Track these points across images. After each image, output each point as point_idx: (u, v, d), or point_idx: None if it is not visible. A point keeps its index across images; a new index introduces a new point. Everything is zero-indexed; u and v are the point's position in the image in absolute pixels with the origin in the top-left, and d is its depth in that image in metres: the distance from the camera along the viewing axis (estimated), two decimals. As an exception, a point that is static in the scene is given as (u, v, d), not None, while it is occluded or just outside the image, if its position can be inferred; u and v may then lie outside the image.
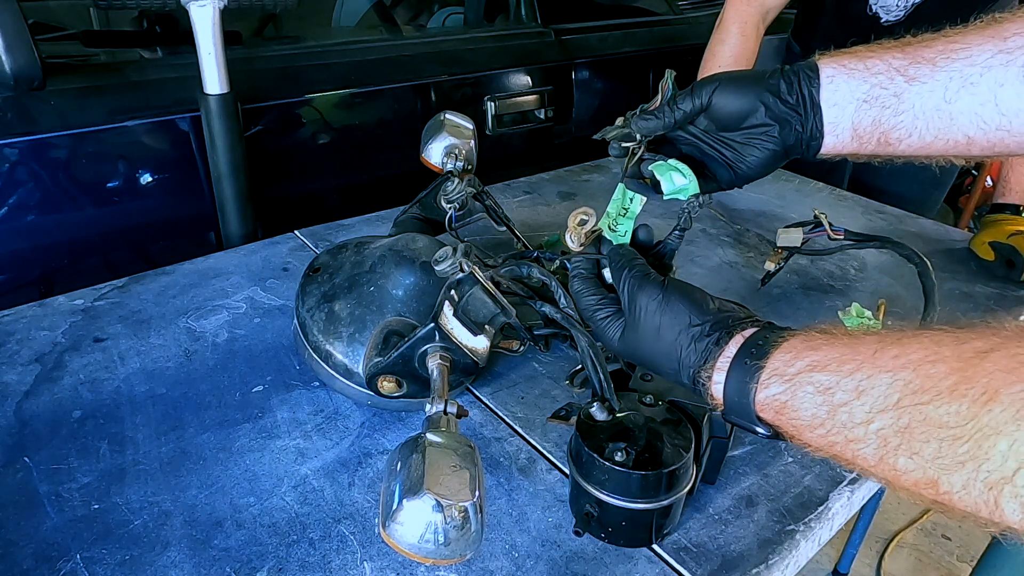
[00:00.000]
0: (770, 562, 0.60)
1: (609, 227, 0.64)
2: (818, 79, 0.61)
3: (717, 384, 0.50)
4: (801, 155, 0.65)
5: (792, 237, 0.97)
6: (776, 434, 0.48)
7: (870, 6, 1.39)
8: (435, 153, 0.90)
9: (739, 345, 0.50)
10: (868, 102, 0.60)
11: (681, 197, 0.64)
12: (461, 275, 0.64)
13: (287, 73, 1.37)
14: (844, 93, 0.61)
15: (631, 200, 0.64)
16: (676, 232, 0.66)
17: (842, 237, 0.94)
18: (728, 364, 0.49)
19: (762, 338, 0.49)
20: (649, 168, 0.63)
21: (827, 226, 0.94)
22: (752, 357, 0.48)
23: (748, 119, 0.63)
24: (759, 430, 0.49)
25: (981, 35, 0.57)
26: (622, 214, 0.64)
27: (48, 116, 1.10)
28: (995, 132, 0.57)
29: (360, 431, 0.73)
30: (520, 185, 1.36)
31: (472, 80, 1.60)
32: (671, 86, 0.66)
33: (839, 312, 0.89)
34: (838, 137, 0.62)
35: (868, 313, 0.85)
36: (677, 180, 0.62)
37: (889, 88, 0.59)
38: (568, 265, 0.64)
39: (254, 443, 0.70)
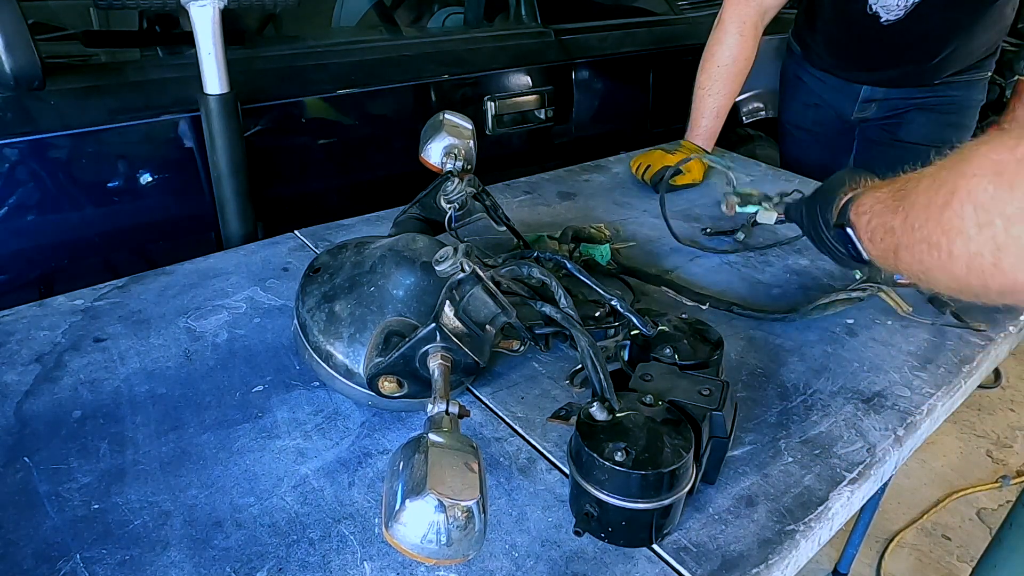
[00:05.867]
0: (770, 562, 0.60)
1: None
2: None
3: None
4: None
5: (769, 216, 1.04)
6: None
7: (870, 5, 1.39)
8: (434, 153, 0.90)
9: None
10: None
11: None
12: (462, 275, 0.64)
13: (287, 73, 1.37)
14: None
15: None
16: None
17: None
18: None
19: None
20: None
21: None
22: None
23: None
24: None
25: None
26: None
27: (48, 116, 1.10)
28: None
29: (360, 431, 0.73)
30: (520, 185, 1.36)
31: (472, 80, 1.60)
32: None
33: None
34: None
35: None
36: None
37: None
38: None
39: (254, 443, 0.70)
